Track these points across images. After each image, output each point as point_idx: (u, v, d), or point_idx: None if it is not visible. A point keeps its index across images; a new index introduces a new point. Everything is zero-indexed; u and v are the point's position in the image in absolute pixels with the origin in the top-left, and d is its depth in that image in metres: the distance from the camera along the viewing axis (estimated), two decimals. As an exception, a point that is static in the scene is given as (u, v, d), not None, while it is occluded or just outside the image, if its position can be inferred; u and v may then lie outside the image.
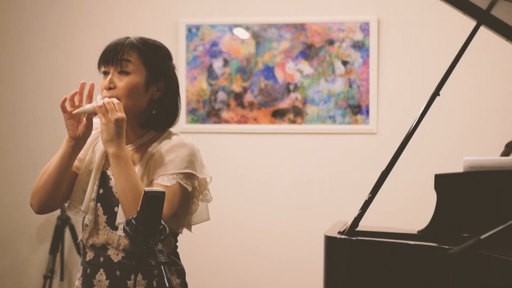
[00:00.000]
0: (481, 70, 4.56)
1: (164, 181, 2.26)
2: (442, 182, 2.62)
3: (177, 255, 2.42)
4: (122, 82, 2.28)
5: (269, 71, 4.69)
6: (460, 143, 4.55)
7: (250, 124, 4.70)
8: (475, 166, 2.62)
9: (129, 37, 2.36)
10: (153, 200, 1.86)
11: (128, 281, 2.31)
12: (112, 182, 2.31)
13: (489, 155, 4.34)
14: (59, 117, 2.38)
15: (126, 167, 2.21)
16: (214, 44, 4.72)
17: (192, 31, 4.73)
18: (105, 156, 2.34)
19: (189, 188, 2.30)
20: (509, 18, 2.68)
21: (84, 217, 2.35)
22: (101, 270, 2.33)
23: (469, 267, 2.28)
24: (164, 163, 2.28)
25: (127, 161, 2.22)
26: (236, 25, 4.71)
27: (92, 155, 2.37)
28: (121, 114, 2.22)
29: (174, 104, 2.38)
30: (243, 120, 4.70)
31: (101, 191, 2.34)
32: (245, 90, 4.70)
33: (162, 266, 1.83)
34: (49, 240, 4.83)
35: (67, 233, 4.78)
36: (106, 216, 2.33)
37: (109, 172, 2.33)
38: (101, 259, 2.33)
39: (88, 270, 2.35)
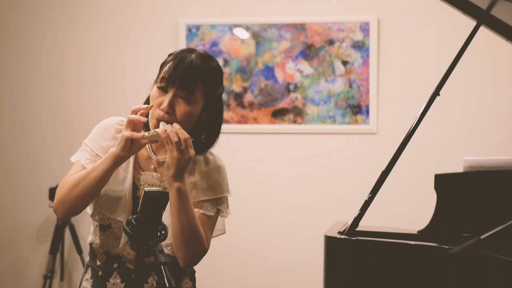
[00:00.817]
0: (481, 70, 4.56)
1: (208, 211, 2.27)
2: (442, 182, 2.62)
3: None
4: (181, 109, 2.22)
5: (269, 71, 4.69)
6: (460, 143, 4.55)
7: (250, 124, 4.70)
8: (475, 166, 2.62)
9: (196, 55, 2.25)
10: (153, 200, 1.86)
11: (145, 285, 2.29)
12: (140, 193, 2.28)
13: (489, 155, 4.34)
14: (59, 117, 2.38)
15: (187, 203, 2.18)
16: (214, 44, 4.72)
17: (192, 31, 4.73)
18: (136, 165, 2.31)
19: (226, 210, 2.34)
20: (509, 18, 2.68)
21: (109, 225, 2.30)
22: (115, 273, 2.31)
23: (469, 267, 2.28)
24: (204, 188, 2.28)
25: (188, 196, 2.19)
26: (236, 25, 4.71)
27: None
28: (193, 152, 2.17)
29: (218, 128, 2.36)
30: (243, 120, 4.70)
31: None
32: (245, 90, 4.70)
33: (162, 266, 1.83)
34: (49, 240, 4.83)
35: (67, 233, 4.78)
36: None
37: (136, 182, 2.29)
38: (115, 265, 2.31)
39: (100, 273, 2.32)
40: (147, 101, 2.30)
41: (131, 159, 2.29)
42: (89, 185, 2.21)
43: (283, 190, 4.69)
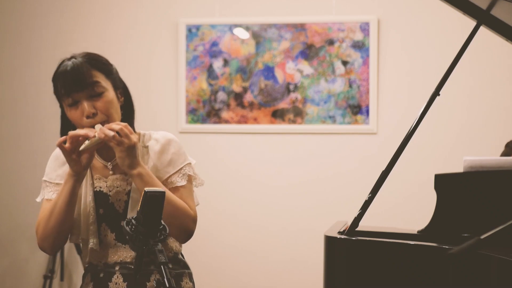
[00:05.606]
0: (481, 70, 4.56)
1: (179, 182, 2.30)
2: (442, 182, 2.62)
3: (182, 256, 2.42)
4: (101, 103, 2.26)
5: (269, 71, 4.69)
6: (460, 143, 4.55)
7: (250, 124, 4.70)
8: (475, 166, 2.62)
9: (73, 58, 2.32)
10: (153, 200, 1.86)
11: (147, 283, 2.30)
12: (113, 198, 2.31)
13: (489, 155, 4.34)
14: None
15: (154, 181, 2.22)
16: (214, 44, 4.72)
17: (192, 31, 4.73)
18: (90, 178, 2.33)
19: (196, 175, 2.37)
20: (509, 18, 2.68)
21: (86, 243, 2.33)
22: (118, 273, 2.32)
23: (469, 267, 2.28)
24: (165, 164, 2.32)
25: (151, 175, 2.23)
26: (236, 25, 4.71)
27: None
28: (134, 137, 2.21)
29: (132, 103, 2.42)
30: (243, 120, 4.70)
31: (101, 211, 2.32)
32: (245, 90, 4.70)
33: (162, 266, 1.84)
34: (49, 240, 4.82)
35: (67, 233, 4.78)
36: (114, 233, 2.32)
37: (105, 190, 2.32)
38: (117, 267, 2.32)
39: (102, 274, 2.33)
40: (63, 129, 2.33)
41: (87, 176, 2.32)
42: (61, 211, 2.25)
43: (283, 190, 4.69)
